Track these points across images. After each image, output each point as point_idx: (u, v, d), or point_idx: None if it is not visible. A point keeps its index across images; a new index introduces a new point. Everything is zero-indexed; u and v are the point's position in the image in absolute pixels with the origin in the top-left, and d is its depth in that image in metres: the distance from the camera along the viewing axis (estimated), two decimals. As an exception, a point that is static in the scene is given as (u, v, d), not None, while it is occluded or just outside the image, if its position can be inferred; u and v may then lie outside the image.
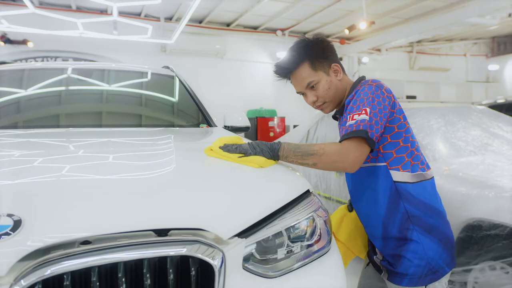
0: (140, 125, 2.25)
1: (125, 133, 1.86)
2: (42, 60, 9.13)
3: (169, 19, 10.04)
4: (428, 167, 1.41)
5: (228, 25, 10.82)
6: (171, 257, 0.90)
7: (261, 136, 9.95)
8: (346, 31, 8.93)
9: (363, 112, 1.25)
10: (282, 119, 10.43)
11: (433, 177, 1.42)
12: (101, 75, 2.56)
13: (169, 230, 0.93)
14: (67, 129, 1.89)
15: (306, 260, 1.13)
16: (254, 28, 11.21)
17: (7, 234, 0.83)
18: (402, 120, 1.35)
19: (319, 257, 1.17)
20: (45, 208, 0.92)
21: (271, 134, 10.18)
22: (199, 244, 0.92)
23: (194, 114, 2.49)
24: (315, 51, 1.43)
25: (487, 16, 7.30)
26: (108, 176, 1.12)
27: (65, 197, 0.98)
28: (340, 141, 1.27)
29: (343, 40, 11.97)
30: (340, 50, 12.15)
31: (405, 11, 9.47)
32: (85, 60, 9.18)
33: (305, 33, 11.53)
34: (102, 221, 0.91)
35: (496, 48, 13.92)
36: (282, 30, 11.27)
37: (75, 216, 0.91)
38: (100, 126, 2.08)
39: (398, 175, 1.34)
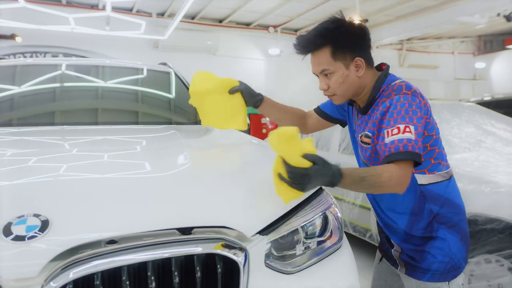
0: (143, 123, 2.25)
1: (132, 131, 1.87)
2: (31, 56, 8.97)
3: (161, 14, 9.95)
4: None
5: (220, 21, 10.78)
6: (198, 255, 0.92)
7: (253, 133, 9.97)
8: (339, 29, 8.96)
9: (407, 130, 1.14)
10: (275, 116, 10.45)
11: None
12: (101, 72, 2.54)
13: (192, 228, 0.95)
14: (73, 127, 1.89)
15: (321, 255, 1.16)
16: (247, 25, 11.18)
17: (36, 234, 0.84)
18: (431, 121, 1.28)
19: (332, 253, 1.20)
20: (70, 208, 0.94)
21: (264, 131, 10.19)
22: (224, 242, 0.95)
23: (195, 111, 2.50)
24: (343, 38, 1.26)
25: (476, 15, 7.43)
26: (128, 175, 1.13)
27: (87, 196, 0.99)
28: (387, 157, 1.15)
29: (334, 37, 12.02)
30: (331, 47, 12.21)
31: (397, 9, 9.55)
32: (76, 56, 9.05)
33: (296, 30, 11.56)
34: (129, 220, 0.92)
35: (483, 46, 14.15)
36: (275, 26, 11.27)
37: (101, 216, 0.93)
38: (105, 123, 2.07)
39: (424, 178, 1.29)
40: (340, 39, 1.26)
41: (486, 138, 2.95)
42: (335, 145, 3.85)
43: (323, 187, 1.32)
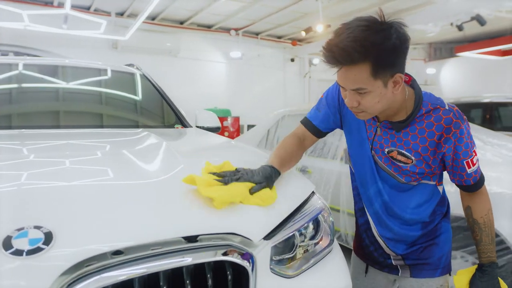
0: (108, 126, 2.16)
1: (105, 135, 1.81)
2: (-22, 54, 8.37)
3: (120, 14, 9.65)
4: None
5: (182, 23, 10.64)
6: (207, 262, 0.91)
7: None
8: (303, 33, 9.18)
9: (475, 153, 1.23)
10: (236, 119, 10.47)
11: None
12: (64, 73, 2.44)
13: (198, 236, 0.94)
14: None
15: (316, 258, 1.19)
16: (208, 27, 11.12)
17: (40, 248, 0.79)
18: None
19: (325, 256, 1.24)
20: (71, 218, 0.89)
21: (226, 134, 10.17)
22: (231, 248, 0.95)
23: (168, 114, 2.47)
24: (387, 54, 1.05)
25: (429, 23, 7.88)
26: (126, 182, 1.10)
27: (87, 204, 0.95)
28: (472, 186, 1.25)
29: (295, 41, 12.24)
30: (291, 51, 12.42)
31: (358, 15, 9.87)
32: (28, 55, 8.56)
33: (258, 33, 11.64)
34: (134, 229, 0.90)
35: (433, 53, 15.01)
36: (236, 29, 11.29)
37: (105, 225, 0.89)
38: (68, 127, 1.98)
39: (442, 188, 1.35)
40: (384, 55, 1.05)
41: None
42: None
43: (314, 191, 1.36)
